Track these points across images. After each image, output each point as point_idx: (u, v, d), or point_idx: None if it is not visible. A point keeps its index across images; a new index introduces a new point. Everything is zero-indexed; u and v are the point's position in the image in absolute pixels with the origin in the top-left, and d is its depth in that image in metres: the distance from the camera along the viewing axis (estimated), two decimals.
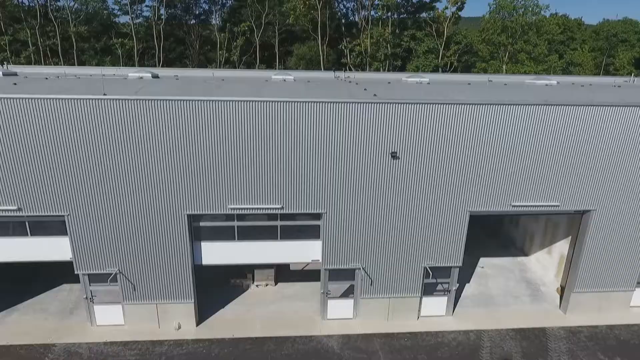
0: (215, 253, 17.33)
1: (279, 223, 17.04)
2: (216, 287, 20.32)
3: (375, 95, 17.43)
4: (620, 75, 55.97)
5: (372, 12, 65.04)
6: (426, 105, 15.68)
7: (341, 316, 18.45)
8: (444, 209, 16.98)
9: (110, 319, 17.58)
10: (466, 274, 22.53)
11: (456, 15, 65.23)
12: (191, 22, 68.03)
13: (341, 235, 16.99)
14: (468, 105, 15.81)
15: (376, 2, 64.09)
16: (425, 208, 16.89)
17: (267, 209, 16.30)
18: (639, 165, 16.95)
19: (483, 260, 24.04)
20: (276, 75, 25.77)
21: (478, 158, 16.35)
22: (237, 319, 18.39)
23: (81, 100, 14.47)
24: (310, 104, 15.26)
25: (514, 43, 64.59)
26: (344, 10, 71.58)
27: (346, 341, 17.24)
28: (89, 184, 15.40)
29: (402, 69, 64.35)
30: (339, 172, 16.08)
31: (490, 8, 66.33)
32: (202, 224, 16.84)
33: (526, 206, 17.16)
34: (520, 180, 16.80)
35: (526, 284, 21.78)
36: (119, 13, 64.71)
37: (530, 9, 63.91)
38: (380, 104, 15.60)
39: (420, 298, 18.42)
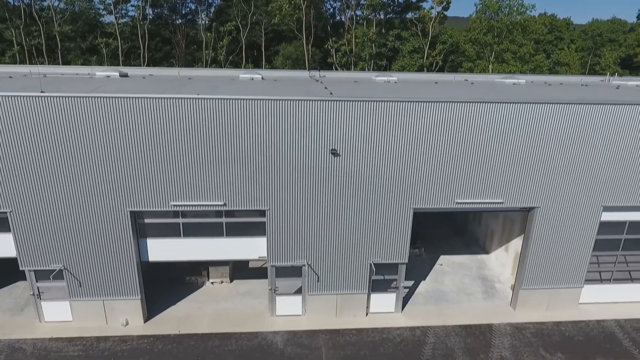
0: (161, 250, 17.44)
1: (224, 220, 17.16)
2: (171, 284, 20.47)
3: (331, 93, 17.60)
4: (605, 75, 56.02)
5: (358, 12, 65.26)
6: (368, 102, 15.78)
7: (290, 312, 18.56)
8: (387, 206, 17.08)
9: (59, 316, 17.68)
10: (424, 271, 22.68)
11: (441, 15, 65.36)
12: (178, 22, 68.11)
13: (286, 232, 17.09)
14: (411, 103, 15.90)
15: (362, 1, 64.21)
16: (369, 205, 16.98)
17: (210, 205, 16.39)
18: (581, 163, 17.06)
19: (443, 258, 24.15)
20: (244, 74, 25.89)
21: (421, 155, 16.43)
22: (186, 316, 18.49)
23: (19, 98, 14.58)
24: (250, 101, 15.37)
25: (500, 43, 64.73)
26: (331, 10, 71.78)
27: (291, 337, 17.34)
28: (32, 180, 15.49)
29: (387, 68, 64.42)
30: (282, 169, 16.17)
31: (476, 8, 66.62)
32: (146, 220, 16.97)
33: (470, 203, 17.26)
34: (464, 178, 16.89)
35: (482, 281, 21.89)
36: (104, 13, 64.82)
37: (515, 8, 64.04)
38: (322, 102, 15.70)
39: (368, 295, 18.52)
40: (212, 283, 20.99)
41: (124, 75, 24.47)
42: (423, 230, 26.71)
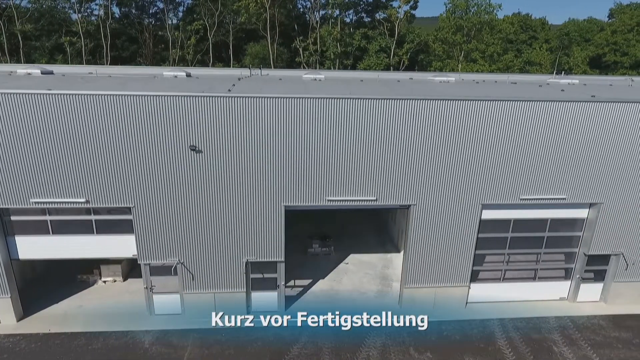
0: (31, 247, 17.23)
1: (93, 217, 16.96)
2: (60, 283, 20.24)
3: (229, 90, 17.35)
4: (575, 74, 55.74)
5: (324, 11, 65.21)
6: (232, 99, 15.60)
7: (169, 312, 18.33)
8: (258, 204, 16.86)
9: None
10: (327, 269, 22.44)
11: (409, 14, 65.23)
12: (145, 22, 67.91)
13: (154, 229, 16.88)
14: (281, 99, 15.69)
15: (329, 0, 64.02)
16: (239, 202, 16.77)
17: (71, 202, 16.19)
18: (457, 161, 16.84)
19: (353, 257, 23.91)
20: (168, 72, 25.67)
21: (290, 152, 16.19)
22: (64, 315, 18.27)
23: None
24: (110, 97, 15.20)
25: (468, 42, 64.60)
26: (301, 9, 71.60)
27: (162, 336, 17.12)
28: None
29: (353, 67, 64.24)
30: (144, 165, 15.96)
31: (446, 7, 66.47)
32: (13, 218, 16.76)
33: (342, 200, 17.05)
34: (335, 175, 16.67)
35: (381, 279, 21.66)
36: (69, 11, 64.68)
37: (483, 7, 63.87)
38: (187, 97, 15.50)
39: (248, 293, 18.30)
40: (104, 282, 20.76)
41: (47, 73, 24.38)
42: (340, 228, 26.57)
